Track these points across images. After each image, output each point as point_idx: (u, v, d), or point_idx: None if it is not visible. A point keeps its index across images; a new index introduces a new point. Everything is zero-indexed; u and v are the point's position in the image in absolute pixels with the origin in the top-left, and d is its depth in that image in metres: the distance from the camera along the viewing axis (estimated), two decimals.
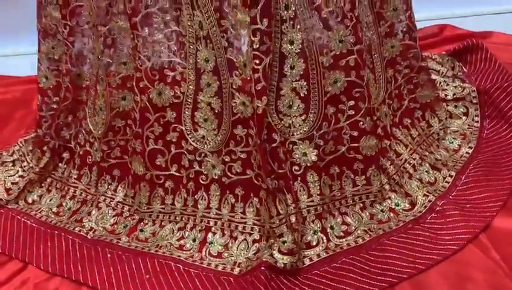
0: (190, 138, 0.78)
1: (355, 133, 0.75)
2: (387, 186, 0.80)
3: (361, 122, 0.75)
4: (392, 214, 0.78)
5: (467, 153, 0.88)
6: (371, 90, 0.79)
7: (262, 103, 0.68)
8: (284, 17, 0.69)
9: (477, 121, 0.95)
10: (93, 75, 0.83)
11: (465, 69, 1.07)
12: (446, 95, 0.99)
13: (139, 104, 0.77)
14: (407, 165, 0.83)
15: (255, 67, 0.67)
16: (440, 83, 1.02)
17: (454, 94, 0.99)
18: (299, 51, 0.71)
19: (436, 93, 0.91)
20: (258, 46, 0.66)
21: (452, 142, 0.91)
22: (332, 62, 0.71)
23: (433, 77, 1.02)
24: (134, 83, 0.76)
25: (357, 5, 0.69)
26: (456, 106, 0.98)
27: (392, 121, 0.85)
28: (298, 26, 0.69)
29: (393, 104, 0.86)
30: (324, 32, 0.70)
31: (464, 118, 0.96)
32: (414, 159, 0.84)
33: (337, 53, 0.71)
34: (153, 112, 0.77)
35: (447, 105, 0.98)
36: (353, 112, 0.74)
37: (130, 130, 0.81)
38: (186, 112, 0.77)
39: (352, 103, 0.74)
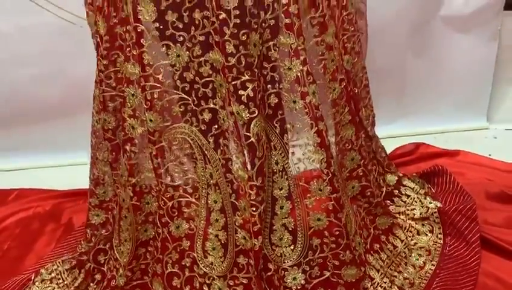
0: (201, 264, 0.94)
1: (337, 263, 0.92)
2: None
3: (342, 255, 0.92)
4: None
5: (430, 269, 1.04)
6: (348, 227, 0.96)
7: (258, 241, 0.86)
8: (275, 170, 0.89)
9: (441, 238, 1.12)
10: (116, 214, 0.99)
11: (433, 190, 1.24)
12: (414, 214, 1.16)
13: (161, 235, 0.95)
14: (379, 288, 0.99)
15: (252, 213, 0.85)
16: (414, 199, 1.18)
17: (420, 213, 1.16)
18: (286, 194, 0.90)
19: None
20: (254, 197, 0.85)
21: (418, 259, 1.06)
22: (314, 205, 0.90)
23: (409, 193, 1.19)
24: (157, 219, 0.95)
25: (332, 164, 0.88)
26: (423, 225, 1.14)
27: (365, 249, 1.01)
28: (286, 176, 0.90)
29: (363, 233, 1.03)
30: (306, 183, 0.90)
31: (429, 234, 1.12)
32: (385, 283, 0.99)
33: (318, 198, 0.90)
34: (171, 242, 0.95)
35: (416, 223, 1.14)
36: (334, 246, 0.91)
37: (150, 255, 0.98)
38: (198, 242, 0.95)
39: (333, 238, 0.91)
